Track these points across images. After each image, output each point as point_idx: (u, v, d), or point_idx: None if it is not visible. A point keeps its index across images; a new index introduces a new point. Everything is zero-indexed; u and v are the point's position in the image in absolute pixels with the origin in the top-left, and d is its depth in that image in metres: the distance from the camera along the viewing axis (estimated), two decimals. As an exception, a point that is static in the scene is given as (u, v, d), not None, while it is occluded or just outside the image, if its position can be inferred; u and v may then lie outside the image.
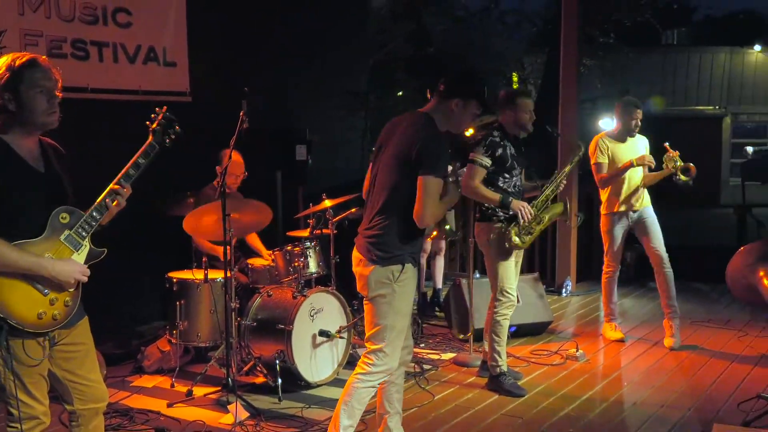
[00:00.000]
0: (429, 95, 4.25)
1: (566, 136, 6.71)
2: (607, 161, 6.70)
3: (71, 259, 3.15)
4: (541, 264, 9.39)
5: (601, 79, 21.76)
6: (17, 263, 3.01)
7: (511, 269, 5.61)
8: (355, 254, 4.14)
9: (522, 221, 5.42)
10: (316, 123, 8.50)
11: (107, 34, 6.76)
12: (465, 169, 5.49)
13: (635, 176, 6.73)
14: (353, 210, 6.63)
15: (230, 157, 5.36)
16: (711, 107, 24.06)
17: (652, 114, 18.78)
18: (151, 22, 7.07)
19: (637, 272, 9.47)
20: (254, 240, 6.61)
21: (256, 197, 5.87)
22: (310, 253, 6.02)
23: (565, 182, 5.85)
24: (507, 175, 5.52)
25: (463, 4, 20.98)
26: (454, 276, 8.21)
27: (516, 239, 5.47)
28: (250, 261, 6.31)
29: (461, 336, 6.83)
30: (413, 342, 4.50)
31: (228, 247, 5.33)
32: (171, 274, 5.94)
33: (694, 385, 5.80)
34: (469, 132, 5.49)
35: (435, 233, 7.25)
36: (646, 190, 6.81)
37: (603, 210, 6.88)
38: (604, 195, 6.86)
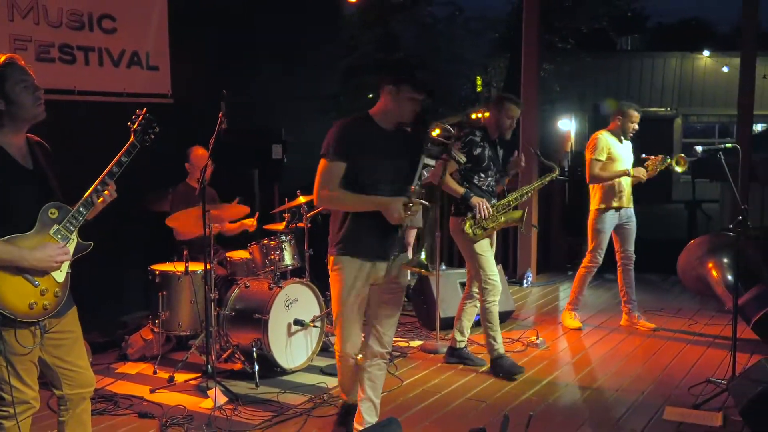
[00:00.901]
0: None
1: (548, 155, 6.73)
2: (604, 158, 6.61)
3: (46, 244, 3.12)
4: (503, 256, 9.44)
5: (560, 83, 21.92)
6: None
7: (490, 258, 5.71)
8: None
9: (478, 216, 5.52)
10: (291, 124, 8.48)
11: (93, 39, 6.71)
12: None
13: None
14: (326, 206, 6.64)
15: (210, 156, 5.36)
16: (663, 109, 24.30)
17: (607, 115, 18.98)
18: (134, 28, 7.03)
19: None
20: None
21: (234, 193, 5.87)
22: (286, 246, 6.02)
23: (530, 195, 6.02)
24: (483, 175, 5.63)
25: (429, 11, 21.02)
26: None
27: (468, 230, 5.57)
28: (229, 254, 6.31)
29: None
30: (389, 337, 4.31)
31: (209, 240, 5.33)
32: (153, 267, 5.92)
33: (647, 370, 5.89)
34: (435, 132, 5.39)
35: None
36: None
37: (595, 206, 6.75)
38: (597, 192, 6.74)
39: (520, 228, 5.92)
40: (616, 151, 6.66)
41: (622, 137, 6.74)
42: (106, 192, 3.27)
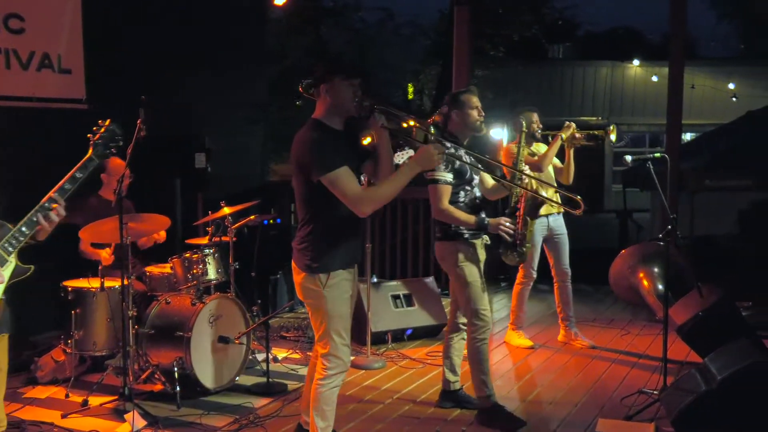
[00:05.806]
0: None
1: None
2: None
3: None
4: (436, 267, 9.43)
5: (492, 90, 22.17)
6: None
7: (480, 289, 5.04)
8: (293, 264, 4.13)
9: (508, 239, 5.14)
10: (215, 131, 8.35)
11: (-1, 39, 6.50)
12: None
13: (548, 179, 6.63)
14: (252, 217, 6.54)
15: (127, 166, 5.21)
16: (594, 118, 24.75)
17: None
18: (45, 28, 6.82)
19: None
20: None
21: (155, 204, 5.74)
22: (209, 260, 5.89)
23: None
24: (468, 188, 5.02)
25: (360, 16, 21.04)
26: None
27: (511, 260, 5.39)
28: (148, 269, 6.13)
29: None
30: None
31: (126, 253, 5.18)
32: (66, 283, 5.72)
33: (580, 382, 5.92)
34: (366, 141, 5.05)
35: None
36: (558, 195, 6.60)
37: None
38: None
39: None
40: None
41: (533, 141, 6.66)
42: (53, 211, 3.07)
